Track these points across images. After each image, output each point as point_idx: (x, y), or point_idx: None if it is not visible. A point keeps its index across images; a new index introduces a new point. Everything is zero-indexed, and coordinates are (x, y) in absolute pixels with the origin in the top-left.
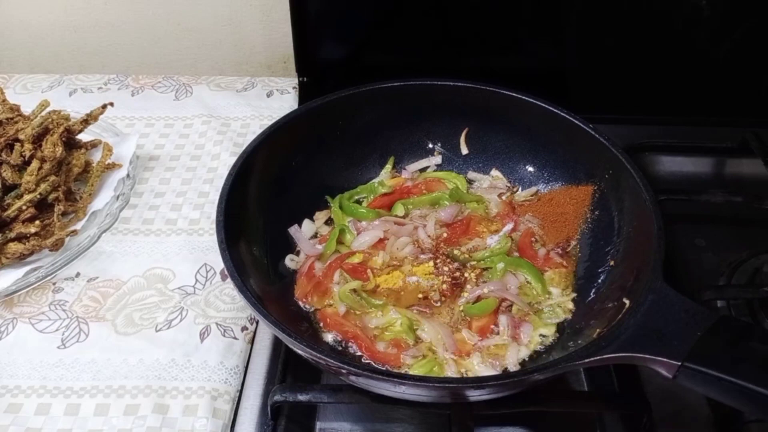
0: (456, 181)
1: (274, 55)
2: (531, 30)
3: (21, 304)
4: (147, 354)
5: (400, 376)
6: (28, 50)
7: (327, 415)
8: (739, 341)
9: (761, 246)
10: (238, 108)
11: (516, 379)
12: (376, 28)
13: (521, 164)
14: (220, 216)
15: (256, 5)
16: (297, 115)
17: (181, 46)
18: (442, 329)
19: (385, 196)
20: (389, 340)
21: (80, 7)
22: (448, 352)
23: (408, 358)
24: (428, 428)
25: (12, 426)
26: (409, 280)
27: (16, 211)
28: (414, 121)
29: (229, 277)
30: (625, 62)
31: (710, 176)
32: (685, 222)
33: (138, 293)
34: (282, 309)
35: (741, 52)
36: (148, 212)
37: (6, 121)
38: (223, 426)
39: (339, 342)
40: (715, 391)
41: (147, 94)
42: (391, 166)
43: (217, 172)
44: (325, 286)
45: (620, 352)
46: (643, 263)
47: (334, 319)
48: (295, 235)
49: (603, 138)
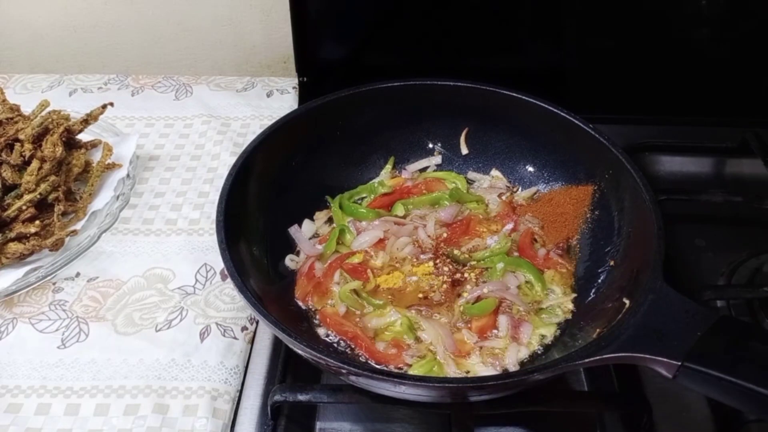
0: (456, 181)
1: (274, 55)
2: (531, 30)
3: (21, 304)
4: (147, 354)
5: (400, 376)
6: (28, 50)
7: (327, 415)
8: (739, 341)
9: (761, 246)
10: (238, 108)
11: (516, 379)
12: (376, 28)
13: (521, 164)
14: (220, 216)
15: (256, 5)
16: (297, 115)
17: (181, 46)
18: (442, 329)
19: (385, 196)
20: (389, 340)
21: (80, 7)
22: (447, 352)
23: (408, 358)
24: (428, 428)
25: (12, 426)
26: (409, 280)
27: (16, 211)
28: (414, 121)
29: (229, 277)
30: (625, 62)
31: (710, 176)
32: (685, 222)
33: (138, 293)
34: (282, 309)
35: (741, 52)
36: (148, 212)
37: (6, 121)
38: (223, 426)
39: (339, 342)
40: (715, 391)
41: (147, 94)
42: (391, 166)
43: (217, 172)
44: (326, 287)
45: (620, 352)
46: (643, 263)
47: (334, 319)
48: (295, 235)
49: (603, 138)
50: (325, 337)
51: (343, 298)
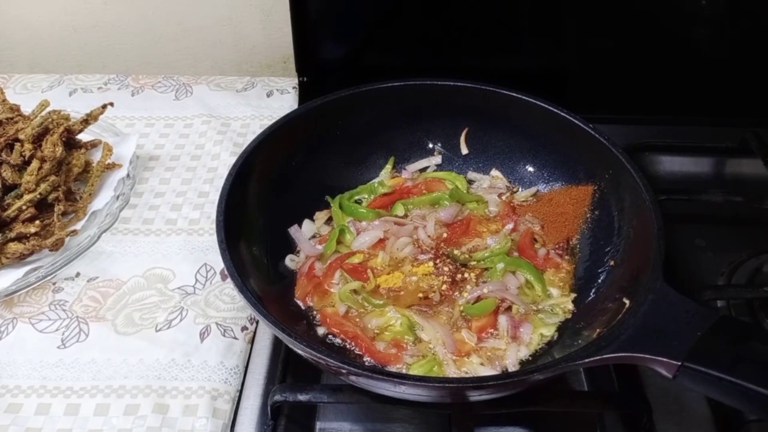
0: (456, 181)
1: (274, 55)
2: (531, 30)
3: (21, 304)
4: (147, 354)
5: (400, 376)
6: (28, 50)
7: (327, 415)
8: (739, 341)
9: (761, 246)
10: (238, 108)
11: (516, 379)
12: (376, 28)
13: (521, 164)
14: (220, 216)
15: (256, 5)
16: (297, 115)
17: (181, 46)
18: (442, 329)
19: (385, 196)
20: (389, 340)
21: (80, 7)
22: (447, 352)
23: (408, 358)
24: (428, 428)
25: (12, 426)
26: (409, 280)
27: (16, 211)
28: (414, 121)
29: (229, 277)
30: (625, 62)
31: (710, 176)
32: (685, 222)
33: (138, 293)
34: (282, 309)
35: (741, 52)
36: (148, 212)
37: (6, 121)
38: (223, 426)
39: (339, 342)
40: (715, 391)
41: (147, 94)
42: (391, 166)
43: (217, 172)
44: (325, 287)
45: (620, 352)
46: (643, 263)
47: (334, 318)
48: (295, 235)
49: (603, 138)
50: (325, 337)
51: (343, 298)
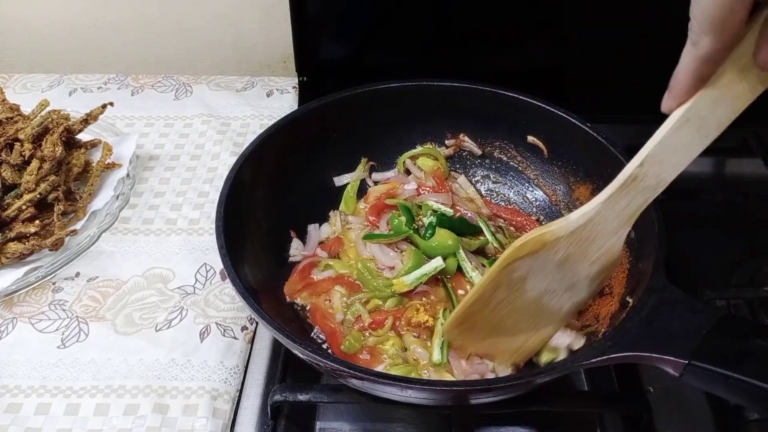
0: (435, 153)
1: (274, 54)
2: (531, 30)
3: (21, 303)
4: (147, 354)
5: (406, 380)
6: (28, 50)
7: (327, 415)
8: (743, 338)
9: (761, 246)
10: (238, 108)
11: (523, 381)
12: (376, 28)
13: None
14: (219, 217)
15: (256, 5)
16: (297, 115)
17: (181, 46)
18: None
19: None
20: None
21: (80, 7)
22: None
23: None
24: (428, 428)
25: (12, 426)
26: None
27: (16, 211)
28: (414, 121)
29: (229, 279)
30: (626, 62)
31: (710, 176)
32: (685, 222)
33: (138, 293)
34: (282, 311)
35: None
36: (148, 212)
37: (6, 121)
38: (223, 426)
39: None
40: (721, 389)
41: (147, 93)
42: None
43: (217, 171)
44: (322, 288)
45: (626, 352)
46: (644, 263)
47: (321, 312)
48: (311, 232)
49: (603, 138)
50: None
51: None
